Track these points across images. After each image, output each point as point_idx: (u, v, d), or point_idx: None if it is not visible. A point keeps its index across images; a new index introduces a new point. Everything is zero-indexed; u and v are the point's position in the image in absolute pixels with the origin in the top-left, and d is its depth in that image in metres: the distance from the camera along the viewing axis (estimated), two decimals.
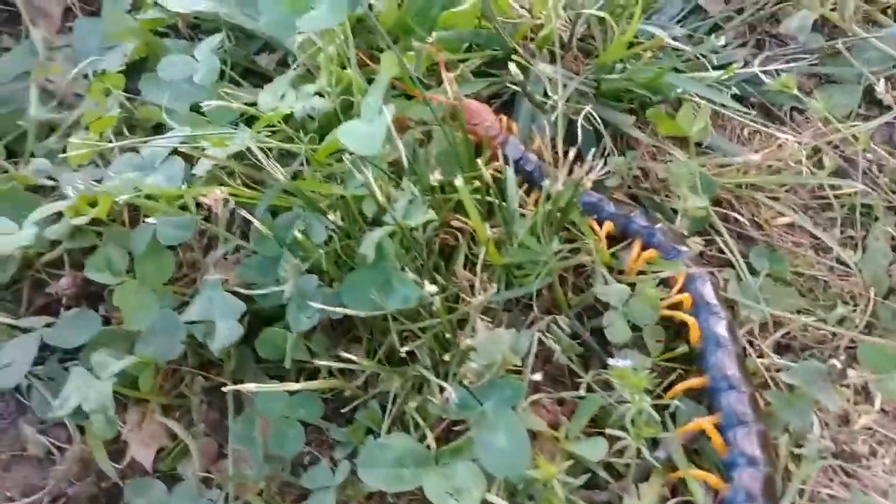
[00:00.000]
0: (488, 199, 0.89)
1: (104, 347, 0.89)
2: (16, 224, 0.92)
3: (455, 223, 0.92)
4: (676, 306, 0.89)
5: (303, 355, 0.89)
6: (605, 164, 0.96)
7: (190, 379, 0.97)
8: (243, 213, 0.88)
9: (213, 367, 0.97)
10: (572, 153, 0.86)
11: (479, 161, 0.85)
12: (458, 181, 0.77)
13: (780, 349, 0.94)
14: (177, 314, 0.91)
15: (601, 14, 0.97)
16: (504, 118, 0.99)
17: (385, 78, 0.89)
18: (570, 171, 0.88)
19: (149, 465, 0.93)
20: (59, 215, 0.95)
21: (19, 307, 1.02)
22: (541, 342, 0.87)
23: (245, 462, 0.91)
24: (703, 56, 1.03)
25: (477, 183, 0.87)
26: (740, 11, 1.14)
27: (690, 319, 0.87)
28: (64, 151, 1.10)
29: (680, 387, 0.85)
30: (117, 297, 0.89)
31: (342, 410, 0.93)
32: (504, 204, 0.86)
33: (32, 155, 1.10)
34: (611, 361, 0.79)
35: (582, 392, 0.87)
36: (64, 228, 0.94)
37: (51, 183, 1.05)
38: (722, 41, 0.98)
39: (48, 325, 0.94)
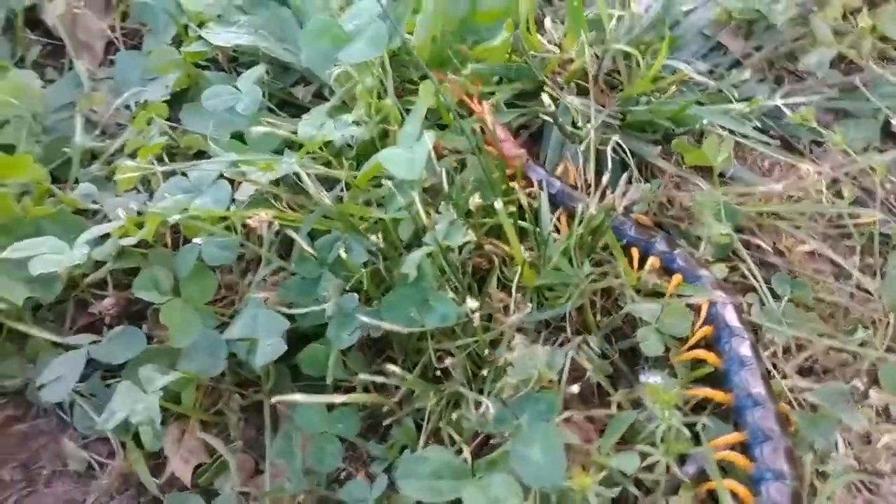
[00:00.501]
0: (521, 223, 0.93)
1: (148, 364, 0.92)
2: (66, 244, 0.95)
3: (488, 247, 0.96)
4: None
5: (341, 373, 0.92)
6: (632, 190, 1.00)
7: (228, 397, 1.00)
8: (289, 233, 0.92)
9: (251, 386, 1.00)
10: (606, 177, 0.90)
11: (516, 184, 0.89)
12: (498, 204, 0.81)
13: (803, 372, 0.97)
14: (218, 333, 0.95)
15: (629, 49, 1.01)
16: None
17: (423, 107, 0.93)
18: (602, 197, 0.92)
19: (188, 481, 0.95)
20: (104, 237, 0.98)
21: (63, 326, 1.06)
22: (571, 363, 0.89)
23: (281, 478, 0.93)
24: (725, 90, 1.07)
25: (511, 208, 0.91)
26: (759, 48, 1.19)
27: (711, 356, 0.90)
28: (107, 178, 1.15)
29: (702, 391, 0.88)
30: (163, 314, 0.92)
31: (377, 429, 0.96)
32: (538, 228, 0.90)
33: (77, 181, 1.14)
34: (643, 377, 0.82)
35: (612, 411, 0.89)
36: (110, 249, 0.98)
37: (94, 207, 1.09)
38: (747, 74, 1.02)
39: (93, 343, 0.98)
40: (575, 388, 0.81)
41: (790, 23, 1.18)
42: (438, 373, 0.90)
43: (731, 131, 1.04)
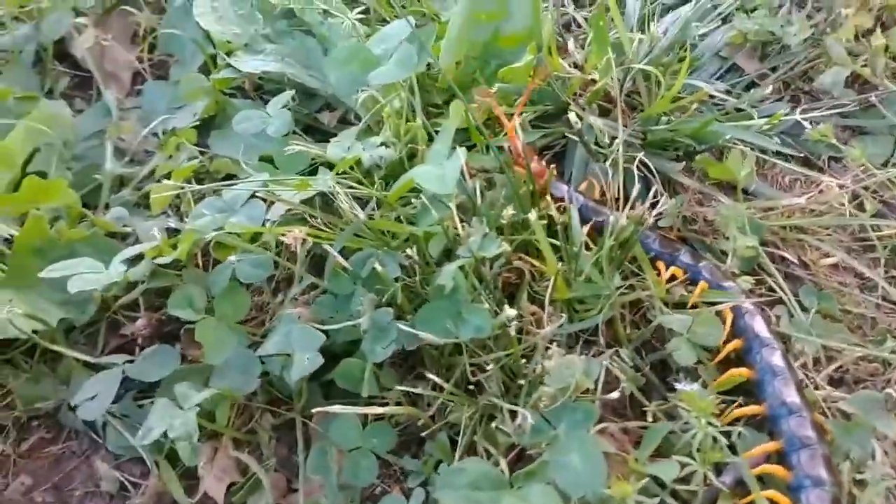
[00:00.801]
0: (551, 240, 0.94)
1: (183, 381, 0.93)
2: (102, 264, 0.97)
3: (517, 262, 0.97)
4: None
5: (374, 390, 0.93)
6: (657, 206, 1.01)
7: (260, 415, 1.00)
8: (325, 246, 0.93)
9: (282, 405, 1.00)
10: (636, 190, 0.92)
11: (549, 198, 0.90)
12: (532, 215, 0.82)
13: (834, 383, 0.97)
14: (252, 351, 0.96)
15: (650, 69, 1.04)
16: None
17: (452, 126, 0.95)
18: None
19: (221, 500, 0.95)
20: (137, 259, 1.00)
21: (94, 349, 1.06)
22: (605, 374, 0.90)
23: (315, 496, 0.93)
24: (744, 108, 1.10)
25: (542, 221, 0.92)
26: (774, 69, 1.22)
27: (745, 371, 0.91)
28: (136, 203, 1.17)
29: (738, 412, 0.88)
30: (198, 332, 0.94)
31: (409, 447, 0.96)
32: (568, 242, 0.91)
33: (107, 206, 1.16)
34: (678, 386, 0.82)
35: (646, 422, 0.89)
36: (144, 269, 0.99)
37: (126, 231, 1.11)
38: (769, 90, 1.05)
39: (127, 362, 0.99)
40: (615, 395, 0.82)
41: (804, 44, 1.21)
42: (472, 387, 0.91)
43: (753, 147, 1.06)
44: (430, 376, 0.85)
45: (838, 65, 1.15)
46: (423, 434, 0.92)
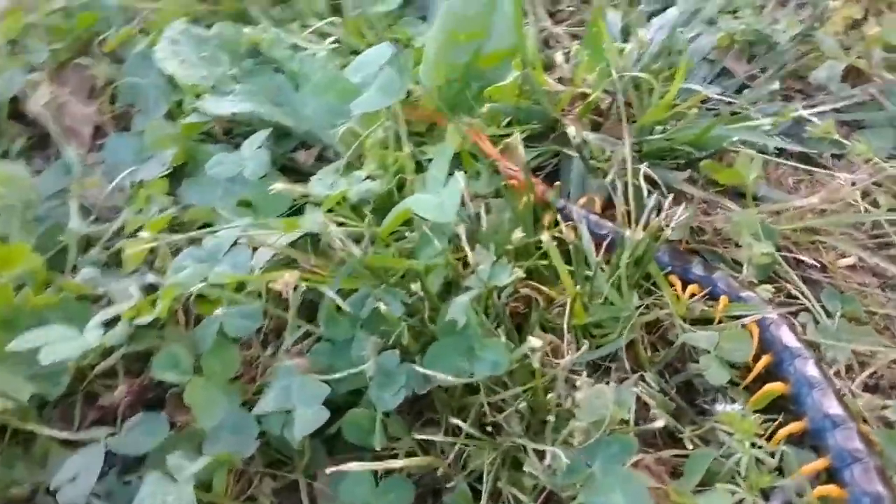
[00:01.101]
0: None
1: (174, 450, 0.85)
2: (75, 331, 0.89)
3: (524, 290, 0.91)
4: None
5: (384, 441, 0.85)
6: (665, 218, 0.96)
7: (259, 480, 0.92)
8: (321, 289, 0.86)
9: (283, 466, 0.92)
10: (651, 202, 0.86)
11: (559, 217, 0.84)
12: (545, 236, 0.76)
13: (869, 389, 0.91)
14: (246, 410, 0.88)
15: (644, 76, 0.99)
16: None
17: (449, 150, 0.89)
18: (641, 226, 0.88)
19: None
20: (113, 322, 0.92)
21: (71, 424, 0.97)
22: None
23: None
24: (740, 112, 1.06)
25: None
26: (764, 70, 1.18)
27: (780, 386, 0.85)
28: (107, 263, 1.09)
29: (784, 431, 0.82)
30: (187, 394, 0.86)
31: (425, 500, 0.88)
32: (582, 263, 0.85)
33: (74, 268, 1.08)
34: (718, 408, 0.76)
35: (684, 449, 0.83)
36: (123, 332, 0.91)
37: (98, 293, 1.02)
38: (775, 85, 1.00)
39: (110, 436, 0.90)
40: (659, 423, 0.75)
41: (792, 41, 1.17)
42: (489, 428, 0.84)
43: (756, 149, 1.01)
44: (451, 420, 0.77)
45: (832, 59, 1.12)
46: (446, 485, 0.84)
